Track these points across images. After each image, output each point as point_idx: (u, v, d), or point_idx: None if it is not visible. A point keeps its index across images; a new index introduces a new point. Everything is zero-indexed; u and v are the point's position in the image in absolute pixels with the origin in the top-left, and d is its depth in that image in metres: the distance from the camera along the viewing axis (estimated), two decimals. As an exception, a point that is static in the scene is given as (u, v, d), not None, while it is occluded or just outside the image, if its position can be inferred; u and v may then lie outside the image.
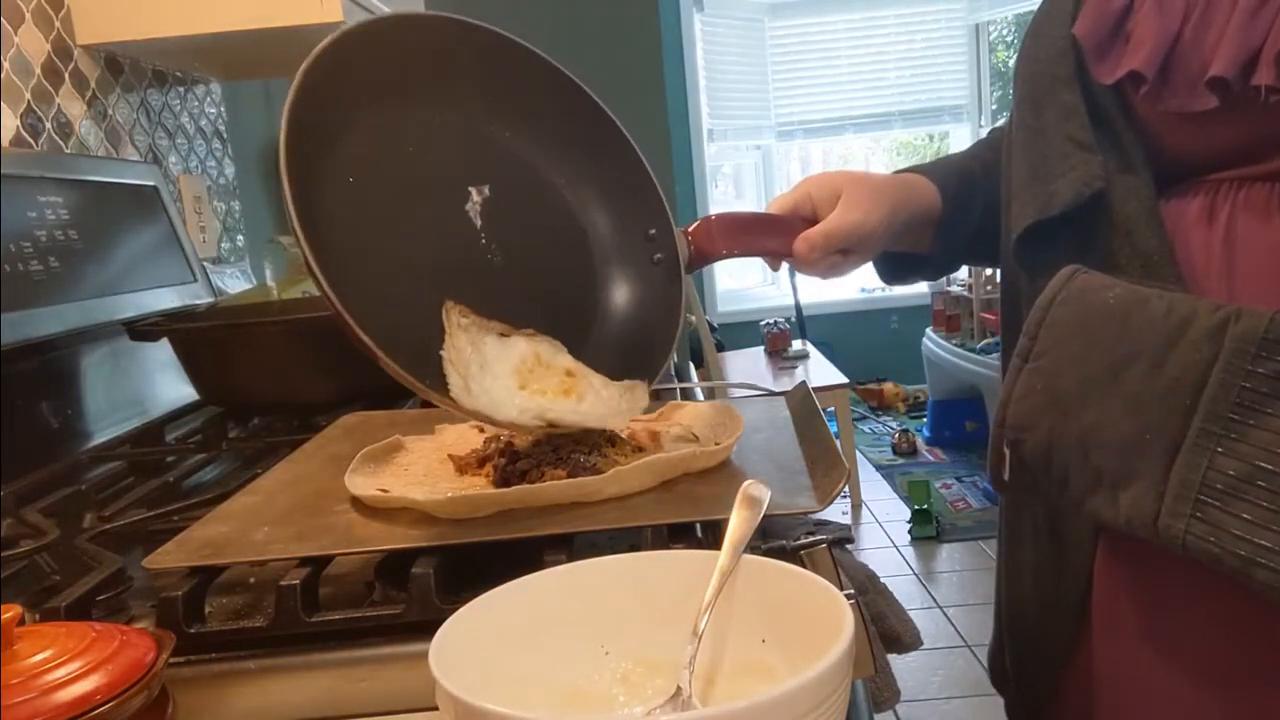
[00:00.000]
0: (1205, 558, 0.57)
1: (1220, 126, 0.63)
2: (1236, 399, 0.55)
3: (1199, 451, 0.56)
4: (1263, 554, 0.55)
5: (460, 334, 0.70)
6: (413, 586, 0.57)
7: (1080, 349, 0.61)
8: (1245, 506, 0.55)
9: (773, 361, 4.36)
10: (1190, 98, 0.62)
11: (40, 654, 0.44)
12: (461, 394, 0.67)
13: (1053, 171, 0.68)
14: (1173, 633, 0.68)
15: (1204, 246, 0.64)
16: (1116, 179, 0.66)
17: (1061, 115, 0.68)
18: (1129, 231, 0.66)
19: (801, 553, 0.61)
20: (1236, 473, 0.56)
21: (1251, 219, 0.62)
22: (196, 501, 0.80)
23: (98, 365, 1.15)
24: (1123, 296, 0.60)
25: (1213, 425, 0.56)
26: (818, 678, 0.39)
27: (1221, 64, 0.60)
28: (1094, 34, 0.66)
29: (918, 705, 2.13)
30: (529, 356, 0.74)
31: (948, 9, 5.26)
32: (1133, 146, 0.67)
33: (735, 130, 5.33)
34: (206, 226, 1.58)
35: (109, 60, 1.34)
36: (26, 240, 1.01)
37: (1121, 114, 0.67)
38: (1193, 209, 0.65)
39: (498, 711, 0.38)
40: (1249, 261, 0.62)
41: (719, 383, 3.21)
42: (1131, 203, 0.66)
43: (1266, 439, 0.55)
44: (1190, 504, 0.57)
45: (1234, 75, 0.59)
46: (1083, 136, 0.67)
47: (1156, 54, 0.62)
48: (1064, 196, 0.67)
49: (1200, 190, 0.65)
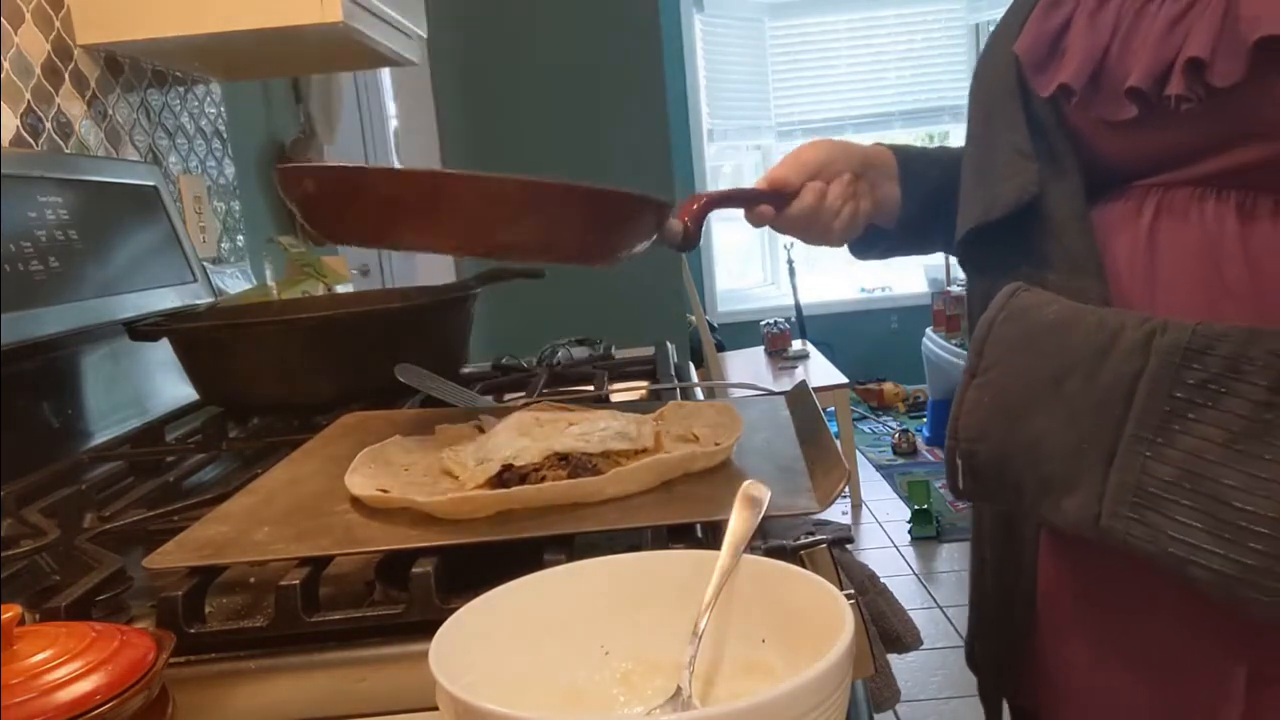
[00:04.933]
0: (1145, 557, 0.60)
1: (1143, 134, 0.66)
2: (1165, 407, 0.59)
3: (1132, 457, 0.60)
4: (1196, 553, 0.58)
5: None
6: (413, 586, 0.57)
7: (1023, 363, 0.64)
8: (1178, 508, 0.58)
9: (773, 361, 4.36)
10: (1114, 107, 0.66)
11: (40, 654, 0.44)
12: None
13: (996, 178, 0.73)
14: (1108, 623, 0.72)
15: (1129, 247, 0.68)
16: (1051, 185, 0.71)
17: (1006, 126, 0.73)
18: (1060, 234, 0.70)
19: (801, 553, 0.61)
20: (1168, 476, 0.59)
21: (1172, 221, 0.66)
22: (196, 501, 0.80)
23: (98, 365, 1.15)
24: (1060, 312, 0.64)
25: (1143, 432, 0.59)
26: (818, 678, 0.39)
27: (1138, 75, 0.63)
28: (1032, 50, 0.71)
29: (918, 705, 2.13)
30: (526, 419, 0.76)
31: (948, 9, 5.26)
32: (1066, 155, 0.71)
33: (735, 130, 5.33)
34: (206, 226, 1.58)
35: (109, 60, 1.34)
36: (26, 240, 1.01)
37: (1057, 124, 0.71)
38: (1120, 212, 0.69)
39: (498, 711, 0.38)
40: (1168, 261, 0.66)
41: (719, 383, 3.21)
42: (1063, 207, 0.70)
43: (1194, 444, 0.58)
44: (1128, 506, 0.60)
45: (1149, 86, 0.63)
46: (1024, 146, 0.71)
47: (1085, 67, 0.67)
48: (1004, 201, 0.71)
49: (1129, 195, 0.69)
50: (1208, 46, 0.60)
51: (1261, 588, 0.57)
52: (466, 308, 1.26)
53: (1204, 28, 0.61)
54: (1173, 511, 0.59)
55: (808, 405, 0.85)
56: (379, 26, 1.44)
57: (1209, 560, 0.58)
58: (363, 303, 1.41)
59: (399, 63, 1.64)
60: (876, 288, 5.53)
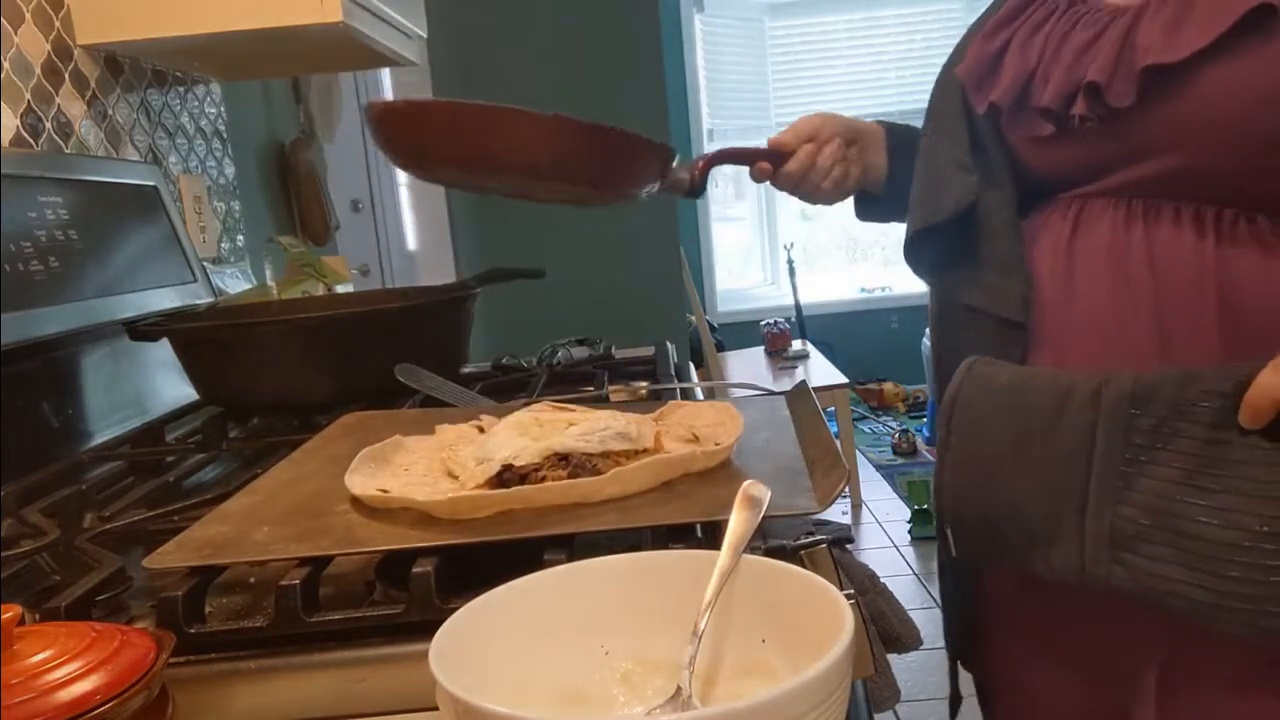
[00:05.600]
0: (1129, 595, 0.65)
1: (1061, 150, 0.74)
2: (1124, 454, 0.63)
3: (1102, 505, 0.64)
4: (1173, 585, 0.62)
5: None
6: (413, 586, 0.57)
7: (987, 431, 0.70)
8: (1150, 547, 0.63)
9: (773, 361, 4.36)
10: (1034, 125, 0.73)
11: (40, 654, 0.44)
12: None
13: (940, 186, 0.80)
14: (1042, 624, 0.78)
15: (1051, 251, 0.74)
16: (987, 195, 0.78)
17: (951, 140, 0.80)
18: (993, 239, 0.77)
19: (801, 553, 0.61)
20: (1137, 519, 0.63)
21: (1088, 228, 0.72)
22: (196, 501, 0.80)
23: (98, 365, 1.15)
24: (1011, 379, 0.70)
25: (1108, 480, 0.64)
26: (818, 678, 0.39)
27: (1049, 97, 0.71)
28: (971, 72, 0.78)
29: (918, 705, 2.13)
30: (526, 419, 0.76)
31: (948, 9, 5.26)
32: (1001, 168, 0.78)
33: (735, 130, 5.32)
34: (206, 226, 1.58)
35: (109, 60, 1.34)
36: (26, 240, 1.01)
37: (995, 140, 0.78)
38: (1046, 221, 0.76)
39: (498, 711, 0.38)
40: (1083, 263, 0.72)
41: (719, 383, 3.21)
42: (996, 215, 0.77)
43: (1155, 486, 0.63)
44: (1107, 551, 0.65)
45: (1058, 106, 0.71)
46: (964, 159, 0.79)
47: (1013, 88, 0.74)
48: (945, 208, 0.79)
49: (1055, 205, 0.76)
50: (1105, 72, 0.67)
51: (1236, 611, 0.60)
52: (466, 308, 1.26)
53: (1105, 55, 0.67)
54: (1146, 551, 0.63)
55: (808, 405, 0.85)
56: (379, 26, 1.44)
57: (1187, 591, 0.62)
58: (363, 303, 1.41)
59: (399, 63, 1.64)
60: (876, 288, 5.52)
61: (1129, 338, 0.68)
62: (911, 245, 0.83)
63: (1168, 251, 0.67)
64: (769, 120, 5.36)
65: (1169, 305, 0.67)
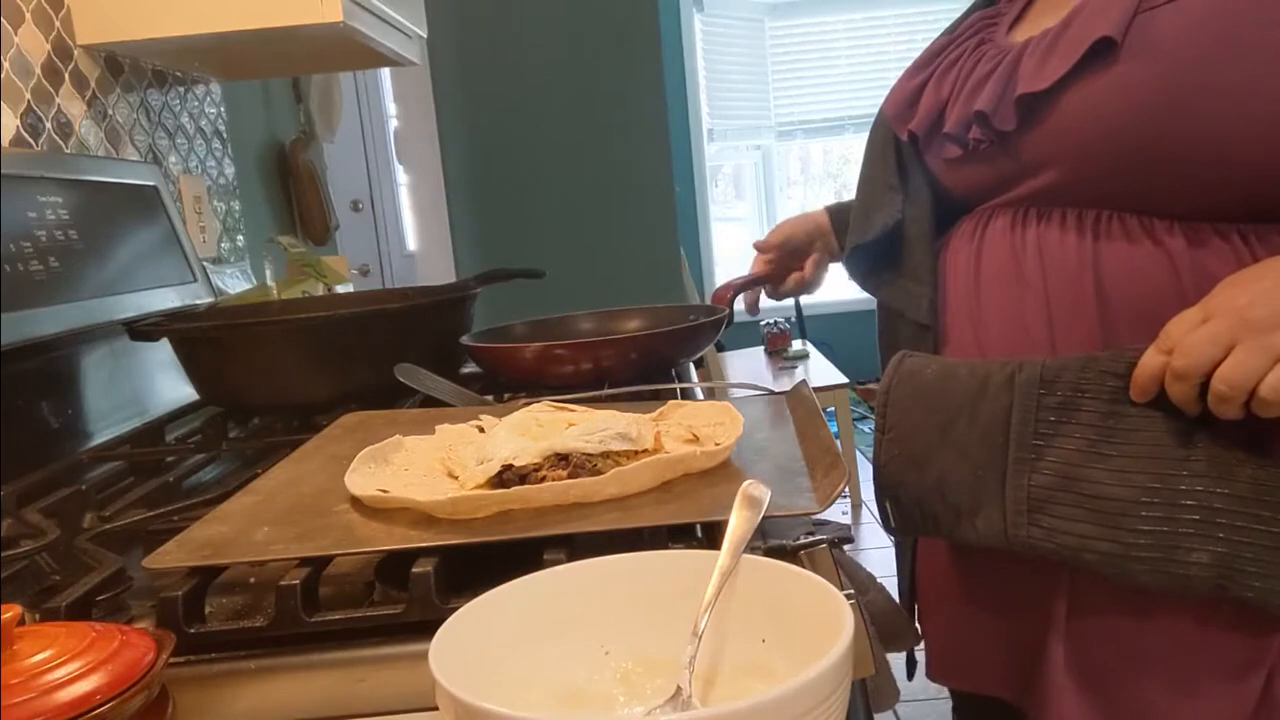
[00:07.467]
0: (1049, 554, 0.73)
1: (970, 170, 0.84)
2: (1035, 429, 0.73)
3: (1019, 473, 0.73)
4: (1085, 542, 0.70)
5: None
6: (413, 586, 0.57)
7: (918, 417, 0.77)
8: (1063, 509, 0.71)
9: (773, 361, 4.35)
10: (945, 149, 0.85)
11: (40, 654, 0.44)
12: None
13: (872, 207, 0.92)
14: (970, 567, 0.87)
15: (965, 257, 0.85)
16: (909, 212, 0.90)
17: (882, 166, 0.92)
18: (911, 250, 0.89)
19: (801, 553, 0.61)
20: (1049, 485, 0.72)
21: (994, 235, 0.82)
22: (196, 501, 0.80)
23: (98, 365, 1.15)
24: (937, 371, 0.78)
25: (1023, 452, 0.73)
26: (818, 678, 0.39)
27: (951, 124, 0.83)
28: (895, 106, 0.91)
29: (918, 705, 2.13)
30: (526, 419, 0.76)
31: (948, 9, 5.25)
32: (921, 188, 0.90)
33: (735, 130, 5.32)
34: (206, 226, 1.58)
35: (109, 60, 1.34)
36: (26, 240, 1.01)
37: (915, 163, 0.90)
38: (961, 232, 0.86)
39: (498, 711, 0.38)
40: (988, 265, 0.82)
41: (719, 383, 3.21)
42: (914, 228, 0.89)
43: (1064, 454, 0.72)
44: (1025, 515, 0.73)
45: (959, 132, 0.82)
46: (893, 181, 0.91)
47: (927, 117, 0.86)
48: (875, 227, 0.91)
49: (971, 216, 0.86)
50: (992, 101, 0.78)
51: (1142, 560, 0.69)
52: (466, 308, 1.26)
53: (992, 87, 0.78)
54: (1059, 512, 0.72)
55: (808, 405, 0.85)
56: (379, 26, 1.44)
57: (1097, 545, 0.70)
58: (363, 303, 1.41)
59: (399, 63, 1.64)
60: (876, 288, 5.52)
61: (1025, 324, 0.79)
62: (849, 258, 0.97)
63: (1054, 250, 0.78)
64: (769, 120, 5.36)
65: (1056, 294, 0.77)
